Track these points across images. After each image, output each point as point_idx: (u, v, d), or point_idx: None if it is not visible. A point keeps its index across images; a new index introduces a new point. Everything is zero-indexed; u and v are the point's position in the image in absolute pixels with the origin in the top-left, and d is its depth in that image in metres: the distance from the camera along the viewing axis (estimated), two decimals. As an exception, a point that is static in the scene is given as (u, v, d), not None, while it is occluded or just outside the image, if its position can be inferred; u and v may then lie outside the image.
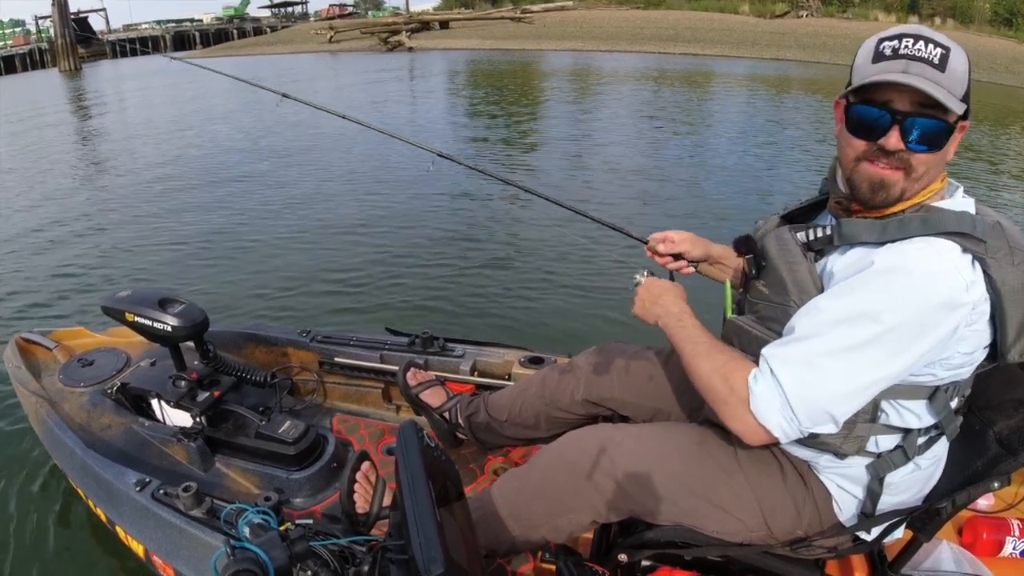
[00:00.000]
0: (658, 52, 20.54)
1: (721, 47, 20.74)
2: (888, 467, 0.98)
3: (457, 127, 9.29)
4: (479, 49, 22.95)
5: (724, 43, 21.16)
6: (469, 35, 25.92)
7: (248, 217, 5.23)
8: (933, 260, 0.84)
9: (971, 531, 1.29)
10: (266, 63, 21.60)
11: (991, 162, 7.31)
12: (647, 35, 23.02)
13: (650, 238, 1.31)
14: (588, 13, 28.88)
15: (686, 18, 26.11)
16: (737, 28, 23.56)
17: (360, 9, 53.09)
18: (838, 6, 28.04)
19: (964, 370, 0.91)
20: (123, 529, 1.45)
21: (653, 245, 1.29)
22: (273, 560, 0.90)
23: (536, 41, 23.47)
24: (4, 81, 24.19)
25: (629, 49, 21.15)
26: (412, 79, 14.73)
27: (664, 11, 29.17)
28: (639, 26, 24.66)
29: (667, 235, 1.28)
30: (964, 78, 0.86)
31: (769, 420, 0.90)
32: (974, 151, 7.62)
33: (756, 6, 28.25)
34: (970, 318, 0.85)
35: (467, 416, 1.61)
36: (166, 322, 1.59)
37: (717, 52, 20.21)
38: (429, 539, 0.77)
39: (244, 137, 8.78)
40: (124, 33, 40.56)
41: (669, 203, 5.47)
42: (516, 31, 25.86)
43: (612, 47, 21.59)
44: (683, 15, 27.26)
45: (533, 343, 2.10)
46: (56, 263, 4.35)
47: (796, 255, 0.98)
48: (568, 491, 1.14)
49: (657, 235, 1.30)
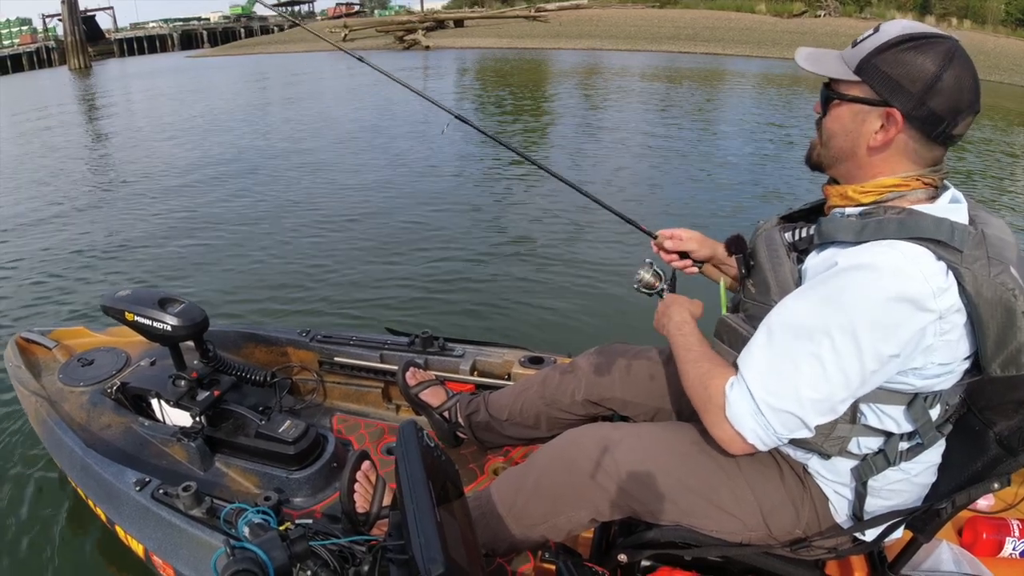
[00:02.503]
0: (679, 51, 20.49)
1: (742, 47, 20.63)
2: (870, 471, 0.98)
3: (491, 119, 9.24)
4: (496, 48, 22.93)
5: (745, 43, 21.06)
6: (486, 33, 25.86)
7: (248, 217, 5.23)
8: (897, 262, 0.83)
9: (971, 531, 1.28)
10: (280, 61, 21.63)
11: (1009, 153, 7.28)
12: (666, 34, 22.96)
13: (658, 233, 1.30)
14: (603, 12, 28.84)
15: (703, 17, 26.01)
16: (756, 28, 23.48)
17: (366, 8, 53.03)
18: (855, 6, 27.99)
19: (941, 380, 0.90)
20: (123, 529, 1.45)
21: (661, 240, 1.30)
22: (273, 560, 0.90)
23: (554, 40, 23.43)
24: (15, 79, 24.24)
25: (649, 48, 21.09)
26: (441, 77, 14.66)
27: (681, 10, 29.07)
28: (657, 25, 24.59)
29: (675, 232, 1.29)
30: (865, 51, 0.90)
31: (744, 427, 0.93)
32: (986, 151, 7.63)
33: (773, 5, 28.18)
34: (940, 327, 0.84)
35: (467, 415, 1.61)
36: (166, 321, 1.59)
37: (738, 52, 20.11)
38: (429, 539, 0.77)
39: (244, 137, 8.78)
40: (131, 32, 40.60)
41: (682, 199, 5.45)
42: (533, 30, 25.82)
43: (632, 47, 21.50)
44: (700, 14, 27.16)
45: (533, 343, 2.10)
46: (56, 262, 4.35)
47: (781, 255, 1.00)
48: (567, 489, 1.14)
49: (666, 231, 1.30)
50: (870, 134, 0.91)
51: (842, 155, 0.96)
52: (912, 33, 0.87)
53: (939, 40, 0.86)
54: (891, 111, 0.88)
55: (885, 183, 0.93)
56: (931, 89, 0.85)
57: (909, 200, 0.91)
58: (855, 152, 0.94)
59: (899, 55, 0.86)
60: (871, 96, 0.89)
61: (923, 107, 0.86)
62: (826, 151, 0.98)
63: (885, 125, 0.89)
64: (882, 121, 0.89)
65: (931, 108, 0.86)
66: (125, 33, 39.80)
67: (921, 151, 0.90)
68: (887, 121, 0.89)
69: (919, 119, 0.87)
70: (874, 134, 0.90)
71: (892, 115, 0.88)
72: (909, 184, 0.92)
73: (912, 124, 0.88)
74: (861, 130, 0.92)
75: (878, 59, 0.88)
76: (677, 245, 1.28)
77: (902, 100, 0.87)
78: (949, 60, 0.85)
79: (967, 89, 0.86)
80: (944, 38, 0.87)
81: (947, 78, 0.84)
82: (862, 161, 0.94)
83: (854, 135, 0.93)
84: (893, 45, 0.87)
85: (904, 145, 0.90)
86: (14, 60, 30.39)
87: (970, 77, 0.86)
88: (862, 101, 0.90)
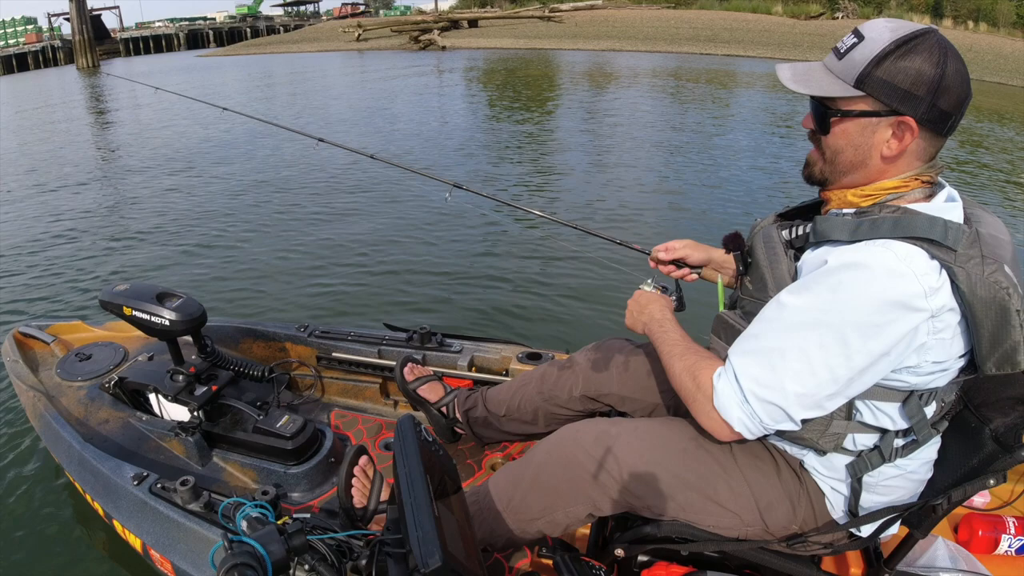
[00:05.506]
0: (700, 53, 20.36)
1: (763, 48, 20.41)
2: (865, 467, 0.99)
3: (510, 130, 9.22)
4: (512, 48, 22.86)
5: (766, 44, 20.86)
6: (501, 34, 25.76)
7: (247, 212, 5.22)
8: (889, 262, 0.83)
9: (967, 528, 1.29)
10: (294, 60, 21.56)
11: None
12: (685, 35, 22.82)
13: (652, 250, 1.35)
14: (618, 12, 28.70)
15: (721, 18, 25.87)
16: (775, 29, 23.30)
17: (371, 8, 52.84)
18: (873, 7, 27.91)
19: (936, 377, 0.90)
20: (120, 523, 1.45)
21: (655, 255, 1.33)
22: (271, 554, 0.90)
23: (572, 40, 23.32)
24: (24, 78, 24.15)
25: (668, 50, 20.96)
26: (455, 81, 14.60)
27: (697, 11, 28.90)
28: (675, 26, 24.44)
29: (668, 244, 1.33)
30: (860, 64, 0.87)
31: (730, 415, 0.94)
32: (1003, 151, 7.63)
33: (789, 7, 28.04)
34: (933, 326, 0.84)
35: (465, 411, 1.61)
36: (164, 316, 1.59)
37: (758, 54, 19.87)
38: (426, 533, 0.77)
39: (245, 137, 8.76)
40: (138, 31, 40.55)
41: (682, 205, 5.45)
42: (549, 30, 25.72)
43: (651, 48, 21.37)
44: (717, 15, 27.01)
45: (531, 340, 2.10)
46: (54, 257, 4.34)
47: (778, 252, 1.01)
48: (564, 484, 1.14)
49: (659, 247, 1.34)
50: (882, 144, 0.90)
51: (851, 168, 0.94)
52: (903, 36, 0.85)
53: (925, 35, 0.86)
54: (903, 119, 0.87)
55: (885, 186, 0.93)
56: (938, 89, 0.84)
57: (906, 200, 0.92)
58: (866, 163, 0.93)
59: (898, 63, 0.85)
60: (878, 108, 0.88)
61: (934, 109, 0.85)
62: (832, 167, 0.96)
63: (897, 133, 0.88)
64: (893, 129, 0.89)
65: (941, 108, 0.85)
66: (131, 32, 39.77)
67: (929, 148, 0.91)
68: (898, 129, 0.88)
69: (931, 120, 0.87)
70: (886, 143, 0.90)
71: (905, 123, 0.87)
72: (908, 185, 0.92)
73: (925, 127, 0.87)
74: (871, 142, 0.91)
75: (878, 70, 0.86)
76: (671, 255, 1.31)
77: (913, 106, 0.86)
78: (943, 54, 0.84)
79: (964, 78, 0.86)
80: (928, 31, 0.86)
81: (949, 74, 0.84)
82: (872, 170, 0.93)
83: (864, 148, 0.92)
84: (889, 53, 0.85)
85: (916, 147, 0.90)
86: (19, 59, 30.31)
87: (962, 64, 0.86)
88: (869, 115, 0.89)
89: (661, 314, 1.17)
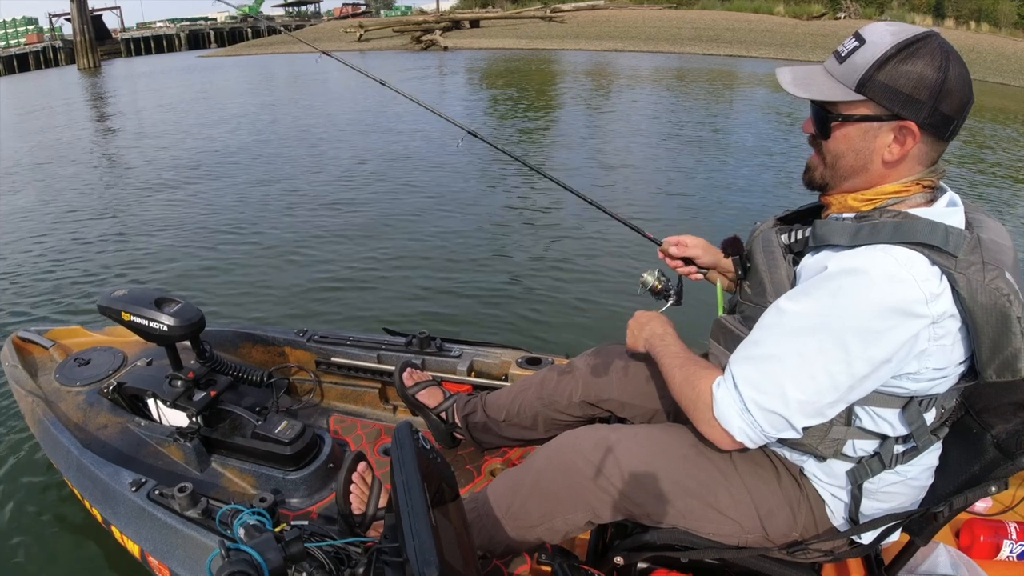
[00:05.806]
0: (702, 53, 20.33)
1: (765, 49, 20.32)
2: (865, 473, 0.98)
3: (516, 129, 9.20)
4: (515, 48, 22.84)
5: (768, 45, 20.79)
6: (503, 34, 25.70)
7: (245, 216, 5.22)
8: (889, 267, 0.83)
9: (968, 534, 1.28)
10: (295, 61, 21.57)
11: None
12: (687, 36, 22.76)
13: (664, 240, 1.34)
14: (619, 12, 28.68)
15: (723, 18, 25.83)
16: (777, 30, 23.24)
17: (372, 8, 52.90)
18: (875, 8, 27.89)
19: (936, 384, 0.90)
20: (119, 529, 1.45)
21: (666, 247, 1.33)
22: (268, 562, 0.90)
23: (574, 41, 23.28)
24: (25, 79, 24.19)
25: (671, 50, 20.91)
26: (456, 80, 14.56)
27: (699, 11, 28.84)
28: (677, 26, 24.39)
29: (681, 239, 1.32)
30: (862, 68, 0.86)
31: (731, 424, 0.94)
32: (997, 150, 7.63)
33: (791, 7, 28.00)
34: (934, 332, 0.84)
35: (464, 416, 1.61)
36: (162, 321, 1.59)
37: (760, 54, 19.79)
38: (424, 542, 0.77)
39: (246, 136, 8.77)
40: (138, 32, 40.55)
41: (689, 204, 5.44)
42: (551, 30, 25.69)
43: (653, 48, 21.32)
44: (719, 15, 26.96)
45: (531, 344, 2.10)
46: (53, 261, 4.34)
47: (777, 257, 1.00)
48: (564, 491, 1.14)
49: (672, 238, 1.33)
50: (883, 148, 0.90)
51: (852, 173, 0.94)
52: (904, 40, 0.85)
53: (927, 39, 0.85)
54: (905, 124, 0.86)
55: (886, 190, 0.92)
56: (940, 94, 0.84)
57: (907, 205, 0.91)
58: (867, 168, 0.92)
59: (899, 67, 0.84)
60: (880, 112, 0.87)
61: (936, 113, 0.85)
62: (833, 171, 0.95)
63: (898, 137, 0.88)
64: (894, 134, 0.88)
65: (943, 112, 0.85)
66: (132, 33, 39.72)
67: (931, 153, 0.90)
68: (900, 133, 0.88)
69: (933, 125, 0.86)
70: (888, 148, 0.89)
71: (907, 127, 0.87)
72: (909, 189, 0.91)
73: (927, 131, 0.87)
74: (873, 146, 0.90)
75: (880, 75, 0.85)
76: (682, 251, 1.31)
77: (915, 111, 0.85)
78: (945, 58, 0.84)
79: (966, 82, 0.86)
80: (929, 34, 0.86)
81: (951, 78, 0.84)
82: (874, 175, 0.93)
83: (866, 153, 0.91)
84: (891, 57, 0.85)
85: (917, 151, 0.89)
86: (20, 60, 30.36)
87: (964, 68, 0.86)
88: (870, 119, 0.89)
89: (663, 329, 1.19)
